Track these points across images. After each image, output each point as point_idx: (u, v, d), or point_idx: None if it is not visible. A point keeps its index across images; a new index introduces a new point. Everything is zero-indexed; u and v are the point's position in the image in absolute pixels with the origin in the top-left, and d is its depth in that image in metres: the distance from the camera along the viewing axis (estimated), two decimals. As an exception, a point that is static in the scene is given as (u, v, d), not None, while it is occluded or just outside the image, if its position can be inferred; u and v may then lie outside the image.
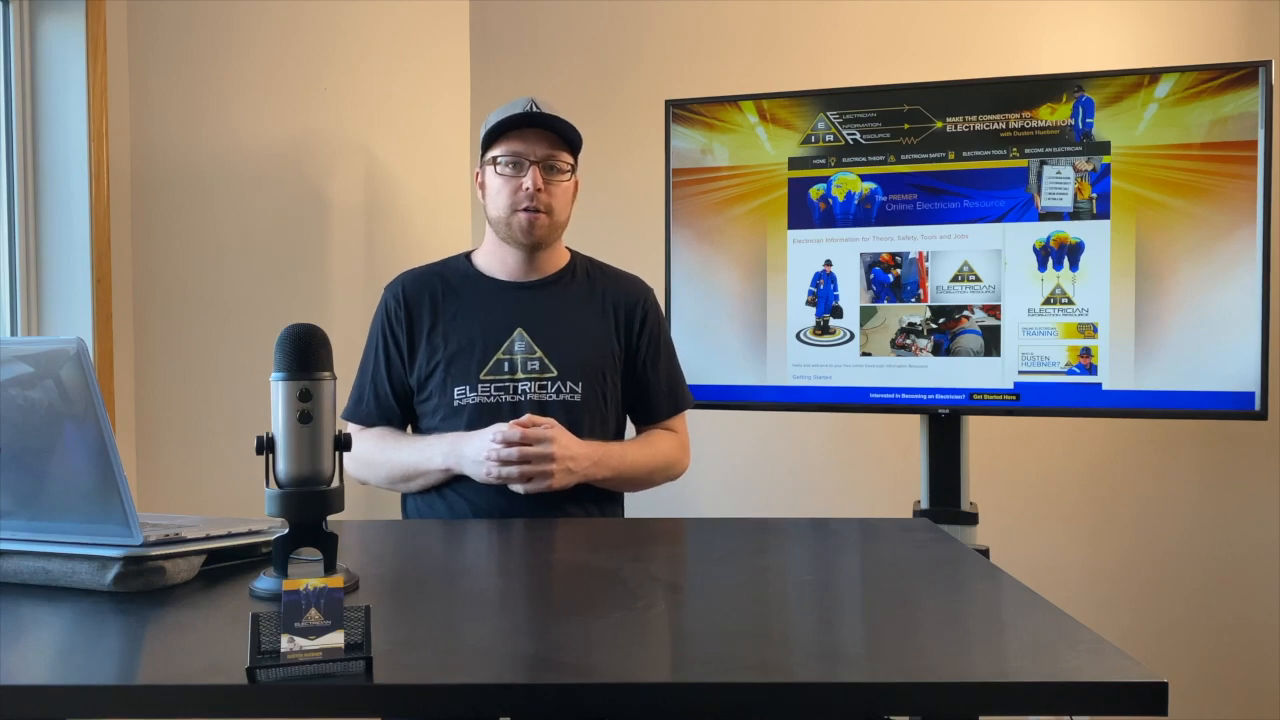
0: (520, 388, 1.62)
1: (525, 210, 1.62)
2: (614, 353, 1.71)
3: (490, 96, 2.69)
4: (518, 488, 1.54)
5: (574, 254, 1.78)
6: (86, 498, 1.05)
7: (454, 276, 1.72)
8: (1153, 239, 1.98)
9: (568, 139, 1.65)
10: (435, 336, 1.67)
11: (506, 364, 1.64)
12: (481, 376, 1.63)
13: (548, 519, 1.58)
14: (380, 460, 1.65)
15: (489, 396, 1.62)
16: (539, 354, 1.64)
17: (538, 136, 1.63)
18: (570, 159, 1.67)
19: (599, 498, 1.68)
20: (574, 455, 1.56)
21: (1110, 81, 2.01)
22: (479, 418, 1.62)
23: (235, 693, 0.76)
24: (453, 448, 1.57)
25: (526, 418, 1.55)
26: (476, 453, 1.54)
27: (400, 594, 1.10)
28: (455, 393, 1.63)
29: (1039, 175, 2.04)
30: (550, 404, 1.63)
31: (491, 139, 1.66)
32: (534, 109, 1.62)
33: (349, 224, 2.45)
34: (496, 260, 1.72)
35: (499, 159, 1.64)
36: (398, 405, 1.70)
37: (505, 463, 1.52)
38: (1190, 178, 1.96)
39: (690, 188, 2.22)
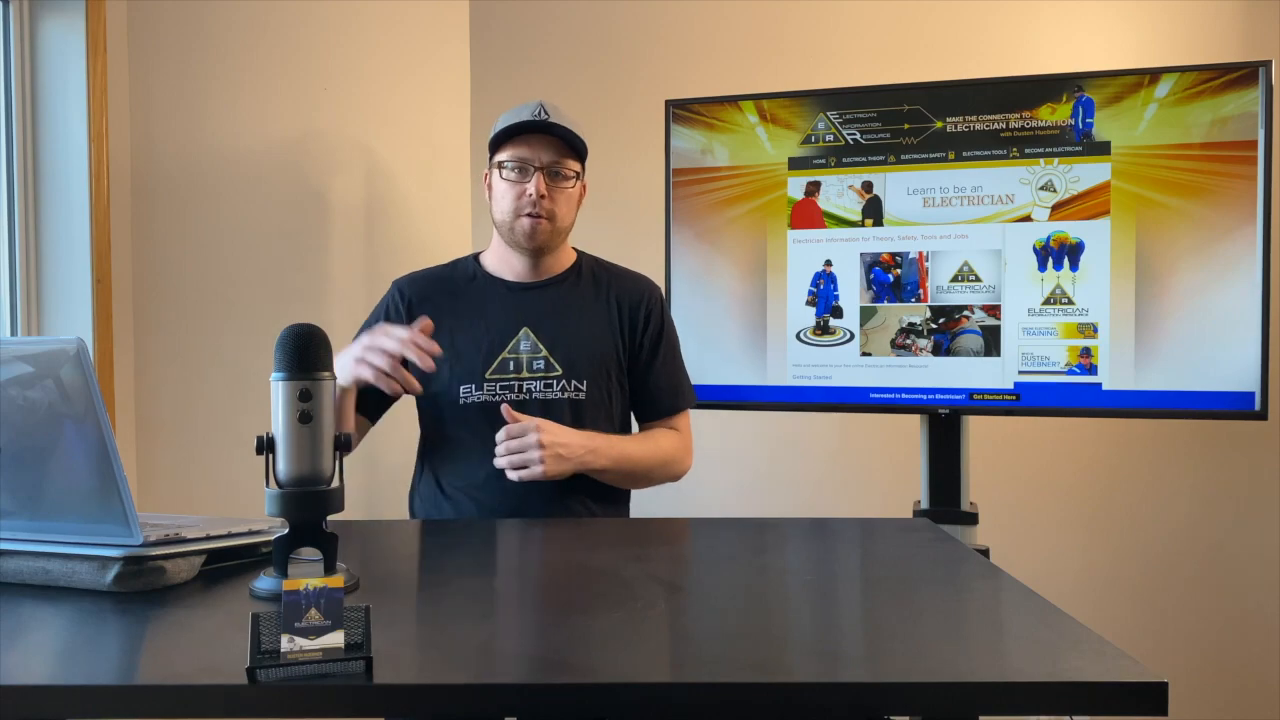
0: (526, 386, 1.63)
1: (528, 216, 1.63)
2: (618, 350, 1.72)
3: (491, 97, 2.69)
4: (512, 475, 1.55)
5: (580, 254, 1.78)
6: (86, 498, 1.05)
7: (461, 277, 1.74)
8: (1153, 239, 1.98)
9: (574, 146, 1.65)
10: (440, 336, 1.66)
11: (512, 363, 1.64)
12: (487, 375, 1.63)
13: (547, 519, 1.58)
14: None
15: (495, 395, 1.62)
16: (544, 353, 1.65)
17: (544, 143, 1.63)
18: (576, 165, 1.67)
19: (604, 497, 1.68)
20: (564, 443, 1.56)
21: (1110, 81, 2.01)
22: (485, 416, 1.62)
23: (235, 693, 0.76)
24: (345, 363, 1.52)
25: (505, 409, 1.55)
26: (348, 357, 1.50)
27: (400, 594, 1.10)
28: (461, 391, 1.63)
29: (1039, 175, 2.04)
30: (556, 402, 1.63)
31: (499, 143, 1.65)
32: (543, 114, 1.61)
33: (349, 224, 2.45)
34: (503, 261, 1.72)
35: (505, 164, 1.64)
36: (371, 392, 1.66)
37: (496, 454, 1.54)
38: (1190, 178, 1.96)
39: (690, 188, 2.22)
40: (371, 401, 1.68)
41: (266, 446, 1.01)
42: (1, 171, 1.96)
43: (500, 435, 1.54)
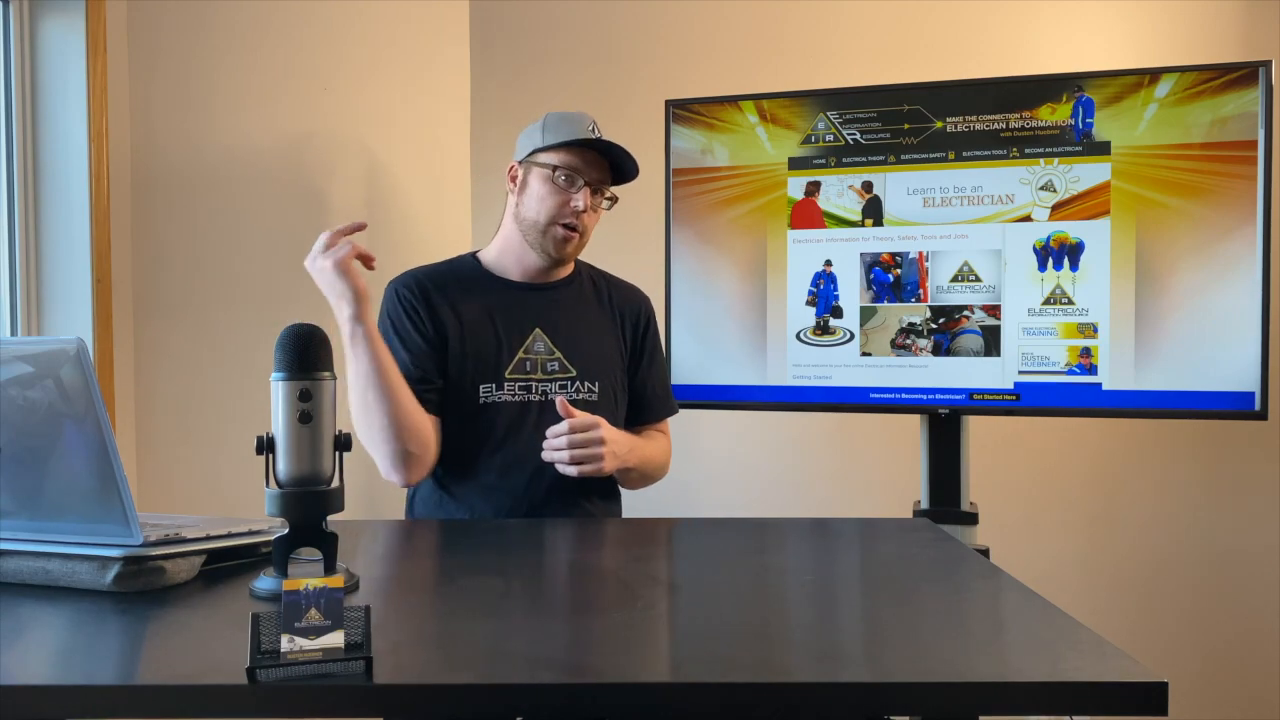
0: (541, 387, 1.64)
1: (564, 225, 1.63)
2: (621, 354, 1.75)
3: (491, 97, 2.69)
4: (570, 470, 1.55)
5: (577, 261, 1.80)
6: (86, 498, 1.05)
7: (466, 274, 1.72)
8: (1153, 239, 1.98)
9: (622, 173, 1.67)
10: (454, 332, 1.65)
11: (528, 363, 1.65)
12: (507, 375, 1.63)
13: (547, 520, 1.58)
14: (358, 401, 1.51)
15: (514, 395, 1.63)
16: (558, 354, 1.66)
17: (596, 160, 1.64)
18: (614, 192, 1.70)
19: (608, 495, 1.71)
20: (617, 440, 1.59)
21: (1110, 81, 2.01)
22: (503, 417, 1.62)
23: (235, 693, 0.76)
24: (329, 292, 1.47)
25: (561, 403, 1.55)
26: (312, 260, 1.46)
27: (400, 594, 1.10)
28: (481, 390, 1.62)
29: (1039, 175, 2.04)
30: (571, 403, 1.63)
31: (551, 145, 1.63)
32: (596, 132, 1.63)
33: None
34: (511, 260, 1.71)
35: (558, 169, 1.62)
36: (426, 373, 1.61)
37: (555, 449, 1.55)
38: (1190, 178, 1.96)
39: (690, 188, 2.22)
40: (439, 400, 1.62)
41: (266, 446, 1.01)
42: (1, 171, 1.96)
43: (561, 429, 1.54)
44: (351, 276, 1.45)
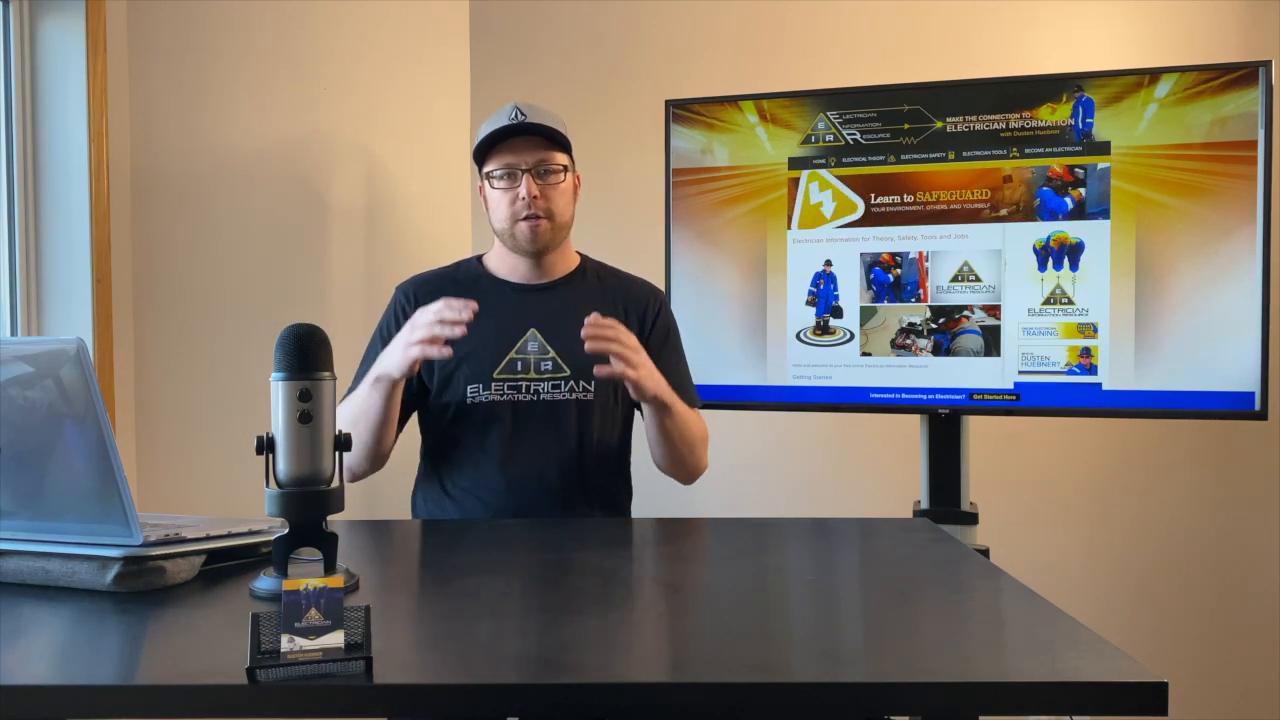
0: (533, 387, 1.63)
1: (525, 219, 1.63)
2: None
3: (490, 96, 2.69)
4: (616, 366, 1.46)
5: (584, 257, 1.79)
6: (86, 498, 1.05)
7: (466, 278, 1.73)
8: (1153, 239, 1.98)
9: (556, 140, 1.65)
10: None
11: (520, 363, 1.64)
12: (495, 375, 1.63)
13: (547, 519, 1.58)
14: (343, 422, 1.56)
15: (502, 395, 1.62)
16: (552, 354, 1.65)
17: (526, 143, 1.63)
18: (563, 159, 1.66)
19: (608, 502, 1.69)
20: (651, 364, 1.54)
21: (1110, 81, 2.01)
22: (491, 416, 1.62)
23: (235, 693, 0.76)
24: (378, 360, 1.54)
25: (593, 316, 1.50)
26: (412, 326, 1.49)
27: (400, 594, 1.10)
28: (468, 390, 1.63)
29: (1039, 175, 2.04)
30: (563, 403, 1.63)
31: (484, 153, 1.66)
32: (519, 116, 1.61)
33: (349, 224, 2.45)
34: (507, 265, 1.73)
35: (493, 173, 1.65)
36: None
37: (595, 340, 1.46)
38: (1190, 178, 1.96)
39: (690, 188, 2.22)
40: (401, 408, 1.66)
41: (266, 446, 1.01)
42: (1, 171, 1.96)
43: (606, 320, 1.47)
44: (415, 364, 1.48)
